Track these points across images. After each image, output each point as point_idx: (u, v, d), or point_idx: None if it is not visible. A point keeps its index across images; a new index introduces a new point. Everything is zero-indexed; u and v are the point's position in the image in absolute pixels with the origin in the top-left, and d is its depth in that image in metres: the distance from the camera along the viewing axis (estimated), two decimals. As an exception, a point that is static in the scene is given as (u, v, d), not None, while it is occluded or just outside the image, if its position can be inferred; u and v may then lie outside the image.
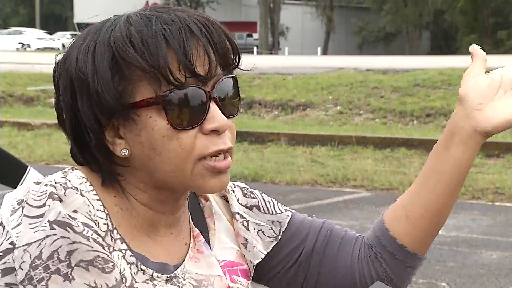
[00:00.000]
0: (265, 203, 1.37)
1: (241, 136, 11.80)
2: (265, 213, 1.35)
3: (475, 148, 1.25)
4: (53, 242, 1.08)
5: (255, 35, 54.89)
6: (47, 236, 1.08)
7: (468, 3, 49.39)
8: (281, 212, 1.37)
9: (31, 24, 60.52)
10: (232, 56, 1.18)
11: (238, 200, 1.35)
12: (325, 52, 51.86)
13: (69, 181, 1.15)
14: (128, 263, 1.16)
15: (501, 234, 6.63)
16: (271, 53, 46.83)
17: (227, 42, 1.17)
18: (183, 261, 1.23)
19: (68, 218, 1.10)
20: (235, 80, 1.20)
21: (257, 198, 1.36)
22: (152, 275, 1.17)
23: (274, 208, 1.37)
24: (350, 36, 59.85)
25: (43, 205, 1.11)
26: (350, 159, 9.97)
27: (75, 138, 1.18)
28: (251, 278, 1.32)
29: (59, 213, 1.10)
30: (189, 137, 1.13)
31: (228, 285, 1.25)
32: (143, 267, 1.17)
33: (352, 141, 10.90)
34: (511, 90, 1.25)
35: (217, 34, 1.15)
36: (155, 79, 1.11)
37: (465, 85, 1.25)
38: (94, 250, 1.10)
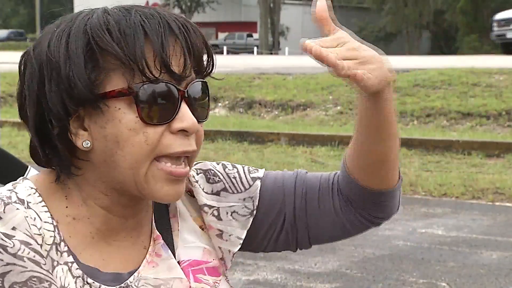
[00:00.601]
0: (232, 182, 1.31)
1: (241, 136, 11.80)
2: (233, 192, 1.31)
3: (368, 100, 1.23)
4: None
5: (255, 35, 54.86)
6: None
7: (468, 3, 49.37)
8: (250, 186, 1.32)
9: (31, 24, 60.53)
10: (207, 62, 1.17)
11: (203, 189, 1.30)
12: (325, 52, 51.75)
13: (16, 193, 1.13)
14: (74, 277, 1.13)
15: (501, 234, 6.63)
16: (271, 53, 46.80)
17: (203, 46, 1.16)
18: (138, 267, 1.20)
19: (2, 239, 1.07)
20: (206, 85, 1.18)
21: (222, 180, 1.31)
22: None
23: (242, 183, 1.32)
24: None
25: None
26: (350, 159, 9.95)
27: (36, 129, 1.15)
28: (222, 273, 1.29)
29: None
30: (156, 133, 1.11)
31: (190, 286, 1.22)
32: (90, 280, 1.14)
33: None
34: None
35: (195, 36, 1.14)
36: (129, 70, 1.10)
37: None
38: (28, 271, 1.07)
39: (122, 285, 1.17)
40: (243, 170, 1.35)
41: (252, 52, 44.08)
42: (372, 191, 1.33)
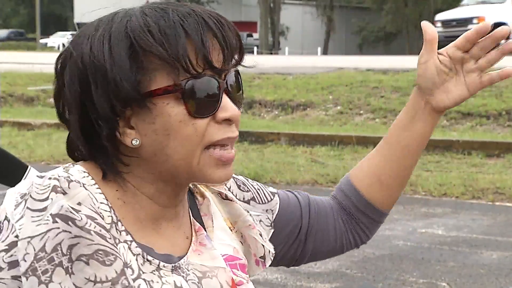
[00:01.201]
0: (258, 193, 1.42)
1: (241, 136, 11.79)
2: (259, 203, 1.42)
3: (434, 122, 1.44)
4: (56, 236, 1.09)
5: (255, 35, 54.87)
6: (49, 230, 1.09)
7: (468, 3, 49.36)
8: (271, 199, 1.43)
9: (31, 24, 60.54)
10: (239, 53, 1.22)
11: (236, 195, 1.39)
12: (325, 52, 51.84)
13: (71, 175, 1.16)
14: (134, 255, 1.17)
15: (502, 234, 6.63)
16: (271, 53, 46.82)
17: (236, 38, 1.20)
18: (186, 253, 1.25)
19: (71, 212, 1.11)
20: (239, 74, 1.24)
21: (251, 190, 1.42)
22: (158, 265, 1.19)
23: (265, 196, 1.43)
24: (350, 36, 59.85)
25: (46, 199, 1.12)
26: (351, 159, 9.97)
27: (81, 130, 1.19)
28: (247, 272, 1.35)
29: (62, 206, 1.11)
30: (203, 124, 1.16)
31: (232, 278, 1.27)
32: (149, 258, 1.18)
33: (353, 141, 10.90)
34: (461, 66, 1.39)
35: (229, 30, 1.18)
36: (173, 68, 1.14)
37: (418, 74, 1.41)
38: (95, 244, 1.11)
39: (176, 264, 1.22)
40: (260, 184, 1.46)
41: (252, 52, 44.11)
42: (381, 211, 1.48)
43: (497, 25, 1.37)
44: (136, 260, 1.17)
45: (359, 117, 13.48)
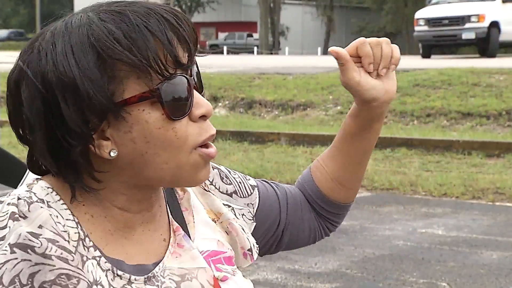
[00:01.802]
0: (239, 186, 1.39)
1: (241, 136, 11.80)
2: (241, 196, 1.38)
3: (382, 115, 1.41)
4: (13, 267, 1.06)
5: (255, 35, 54.86)
6: (7, 261, 1.06)
7: (468, 3, 49.35)
8: (251, 193, 1.40)
9: (31, 24, 60.53)
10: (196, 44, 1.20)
11: (219, 189, 1.36)
12: (325, 52, 51.82)
13: (34, 193, 1.13)
14: (103, 270, 1.14)
15: (502, 234, 6.63)
16: (271, 53, 46.81)
17: (193, 30, 1.17)
18: (162, 258, 1.21)
19: (30, 240, 1.07)
20: (197, 64, 1.21)
21: (233, 183, 1.38)
22: (129, 279, 1.15)
23: (246, 189, 1.40)
24: (350, 36, 59.83)
25: (4, 227, 1.08)
26: (350, 159, 9.95)
27: (48, 150, 1.13)
28: (235, 263, 1.32)
29: (20, 235, 1.07)
30: (182, 126, 1.13)
31: (214, 276, 1.24)
32: (119, 272, 1.15)
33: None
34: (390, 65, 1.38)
35: (186, 22, 1.15)
36: (144, 73, 1.10)
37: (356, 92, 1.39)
38: (57, 268, 1.08)
39: (149, 275, 1.18)
40: (241, 176, 1.42)
41: (252, 52, 44.08)
42: (344, 206, 1.50)
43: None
44: (106, 276, 1.14)
45: (359, 117, 13.47)
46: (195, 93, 1.16)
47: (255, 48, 45.77)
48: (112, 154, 1.12)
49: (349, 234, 6.55)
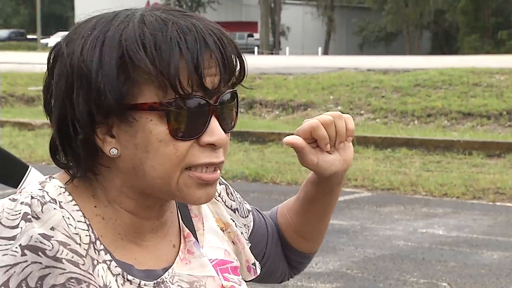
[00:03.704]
0: (239, 206, 1.38)
1: (241, 136, 11.80)
2: (241, 216, 1.37)
3: (335, 181, 1.38)
4: (22, 270, 1.05)
5: (256, 35, 54.90)
6: (16, 264, 1.05)
7: (469, 3, 49.37)
8: (247, 216, 1.39)
9: (32, 24, 60.54)
10: (239, 74, 1.16)
11: (225, 203, 1.35)
12: (326, 52, 51.86)
13: (47, 192, 1.12)
14: (114, 275, 1.13)
15: (502, 234, 6.63)
16: (272, 53, 46.83)
17: (237, 58, 1.14)
18: (172, 264, 1.20)
19: (41, 242, 1.06)
20: (235, 95, 1.17)
21: (236, 201, 1.37)
22: (139, 284, 1.15)
23: (244, 210, 1.39)
24: (351, 36, 59.84)
25: (16, 227, 1.07)
26: (351, 159, 9.95)
27: (59, 129, 1.13)
28: (240, 273, 1.31)
29: (31, 237, 1.06)
30: (185, 145, 1.11)
31: (222, 285, 1.23)
32: (129, 277, 1.14)
33: (353, 141, 10.86)
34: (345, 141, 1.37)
35: (230, 49, 1.12)
36: (162, 86, 1.08)
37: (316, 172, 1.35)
38: (67, 272, 1.07)
39: (159, 280, 1.17)
40: (240, 197, 1.41)
41: (253, 52, 44.08)
42: (308, 255, 1.49)
43: None
44: (116, 280, 1.13)
45: (360, 117, 13.48)
46: (213, 120, 1.12)
47: (256, 48, 45.77)
48: (112, 151, 1.11)
49: (349, 234, 6.55)
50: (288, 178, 8.85)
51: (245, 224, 1.38)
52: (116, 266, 1.14)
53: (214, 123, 1.13)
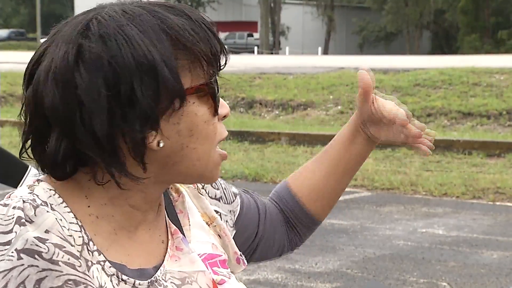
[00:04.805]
0: (224, 192, 1.39)
1: (241, 136, 11.80)
2: (225, 203, 1.39)
3: (371, 148, 1.49)
4: (19, 274, 1.05)
5: (256, 35, 54.87)
6: (13, 268, 1.05)
7: (469, 2, 49.38)
8: (233, 200, 1.41)
9: (32, 24, 60.58)
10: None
11: (208, 194, 1.36)
12: (325, 51, 51.87)
13: (37, 195, 1.11)
14: (108, 275, 1.13)
15: (502, 234, 6.63)
16: (271, 53, 46.83)
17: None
18: (162, 261, 1.21)
19: (37, 245, 1.06)
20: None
21: (220, 188, 1.39)
22: (134, 284, 1.15)
23: (229, 195, 1.41)
24: (350, 36, 59.85)
25: (10, 231, 1.07)
26: (351, 158, 9.95)
27: (104, 136, 1.09)
28: (228, 266, 1.31)
29: (27, 240, 1.06)
30: (217, 123, 1.17)
31: (212, 279, 1.23)
32: (124, 277, 1.14)
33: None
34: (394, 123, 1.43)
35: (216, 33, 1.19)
36: (203, 66, 1.13)
37: (357, 106, 1.44)
38: (64, 274, 1.07)
39: (152, 279, 1.18)
40: (224, 182, 1.43)
41: (253, 52, 44.09)
42: (317, 221, 1.52)
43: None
44: (111, 281, 1.13)
45: (360, 117, 13.49)
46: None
47: (256, 48, 45.78)
48: (160, 144, 1.11)
49: (349, 234, 6.56)
50: (288, 178, 8.85)
51: (230, 210, 1.39)
52: (110, 267, 1.13)
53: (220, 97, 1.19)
